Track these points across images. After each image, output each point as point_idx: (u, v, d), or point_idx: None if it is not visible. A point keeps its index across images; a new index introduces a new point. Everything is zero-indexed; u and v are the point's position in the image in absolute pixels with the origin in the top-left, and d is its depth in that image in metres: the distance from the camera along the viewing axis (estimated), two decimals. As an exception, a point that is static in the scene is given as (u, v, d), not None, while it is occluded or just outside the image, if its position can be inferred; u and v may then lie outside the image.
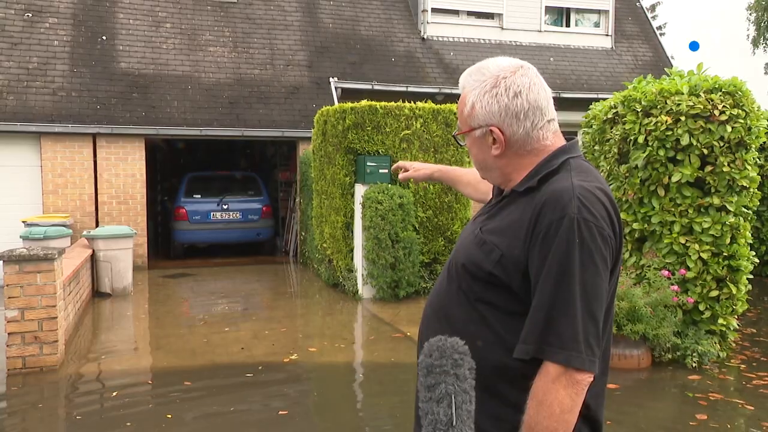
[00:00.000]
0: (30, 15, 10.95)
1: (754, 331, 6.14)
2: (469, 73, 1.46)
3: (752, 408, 4.20)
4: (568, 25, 14.30)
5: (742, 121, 4.78)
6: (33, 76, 10.31)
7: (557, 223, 1.26)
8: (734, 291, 4.90)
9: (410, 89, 11.85)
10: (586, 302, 1.24)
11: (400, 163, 2.13)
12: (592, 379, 1.26)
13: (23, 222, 9.00)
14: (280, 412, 4.27)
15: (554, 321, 1.24)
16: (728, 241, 4.86)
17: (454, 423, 1.13)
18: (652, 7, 27.83)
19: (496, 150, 1.41)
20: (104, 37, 11.19)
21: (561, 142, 1.43)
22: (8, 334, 5.02)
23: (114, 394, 4.65)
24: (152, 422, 4.06)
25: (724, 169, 4.77)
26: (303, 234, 11.08)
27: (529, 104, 1.38)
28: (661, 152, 4.89)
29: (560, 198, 1.28)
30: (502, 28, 13.52)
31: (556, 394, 1.23)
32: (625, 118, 5.18)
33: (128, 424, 4.01)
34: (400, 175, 2.10)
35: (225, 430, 4.01)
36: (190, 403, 4.45)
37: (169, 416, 4.14)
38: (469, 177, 1.94)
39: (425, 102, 8.19)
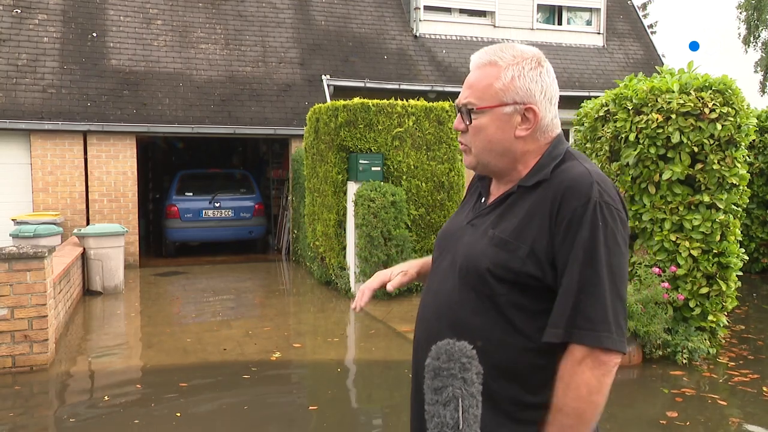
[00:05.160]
0: (19, 11, 10.85)
1: (743, 327, 6.18)
2: (499, 48, 1.38)
3: (725, 404, 4.22)
4: (560, 23, 14.34)
5: (732, 119, 4.81)
6: (22, 73, 10.23)
7: (582, 208, 1.27)
8: (724, 288, 4.93)
9: (402, 87, 11.85)
10: (613, 283, 1.26)
11: (382, 278, 1.64)
12: (620, 359, 1.27)
13: (13, 220, 8.94)
14: (274, 410, 4.27)
15: (583, 304, 1.24)
16: (718, 238, 4.89)
17: (461, 426, 1.13)
18: (644, 6, 27.93)
19: (522, 131, 1.36)
20: (94, 34, 11.12)
21: None
22: (-2, 332, 4.99)
23: (105, 397, 4.63)
24: (147, 422, 4.05)
25: (714, 167, 4.80)
26: (295, 232, 11.06)
27: (557, 92, 1.41)
28: (652, 150, 4.91)
29: (581, 184, 1.29)
30: (495, 26, 13.53)
31: (582, 376, 1.24)
32: (616, 116, 5.20)
33: (136, 421, 4.00)
34: (390, 286, 1.63)
35: (220, 429, 4.00)
36: (183, 402, 4.44)
37: (179, 414, 4.14)
38: None
39: (417, 100, 8.19)
